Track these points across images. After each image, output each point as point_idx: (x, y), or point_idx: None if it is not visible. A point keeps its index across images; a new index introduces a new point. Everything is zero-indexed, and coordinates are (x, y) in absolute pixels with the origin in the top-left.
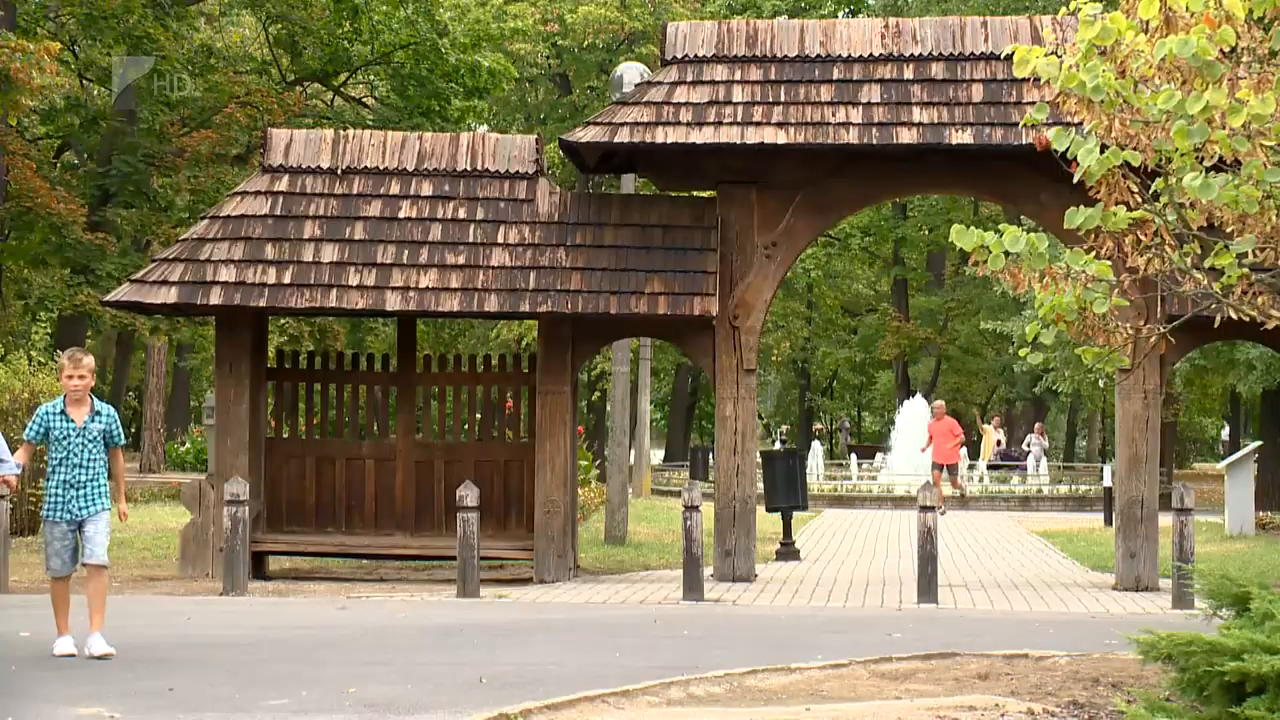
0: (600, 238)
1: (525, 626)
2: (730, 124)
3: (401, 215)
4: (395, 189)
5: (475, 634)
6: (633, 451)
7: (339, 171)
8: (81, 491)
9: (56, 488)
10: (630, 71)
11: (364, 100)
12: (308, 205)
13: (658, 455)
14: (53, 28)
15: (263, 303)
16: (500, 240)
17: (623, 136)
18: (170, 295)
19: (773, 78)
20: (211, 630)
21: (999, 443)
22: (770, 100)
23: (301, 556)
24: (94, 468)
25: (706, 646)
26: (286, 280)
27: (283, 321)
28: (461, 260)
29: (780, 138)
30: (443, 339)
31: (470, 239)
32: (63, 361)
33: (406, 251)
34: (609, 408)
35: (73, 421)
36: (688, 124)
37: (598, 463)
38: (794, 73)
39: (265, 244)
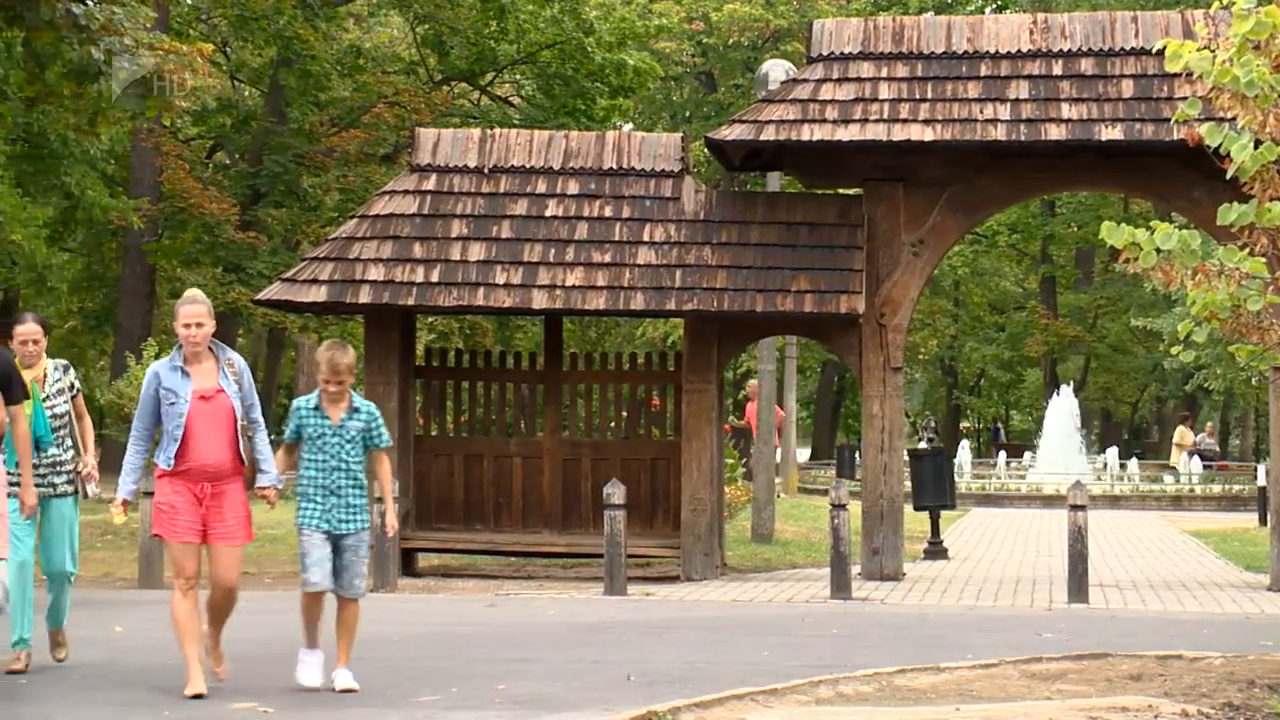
0: (746, 236)
1: (673, 624)
2: (876, 121)
3: (548, 214)
4: (542, 188)
5: (623, 632)
6: (779, 449)
7: (486, 170)
8: (342, 499)
9: (315, 494)
10: (775, 69)
11: (510, 99)
12: (455, 204)
13: (804, 453)
14: (205, 29)
15: (411, 301)
16: (646, 238)
17: (768, 134)
18: (320, 294)
19: (919, 74)
20: (362, 626)
21: (1196, 442)
22: (917, 97)
23: (450, 554)
24: (353, 472)
25: (854, 645)
26: (434, 279)
27: (431, 319)
28: (608, 258)
29: (927, 135)
30: (589, 337)
31: (616, 237)
32: (320, 353)
33: (553, 250)
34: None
35: (328, 419)
36: (834, 121)
37: (744, 461)
38: (941, 69)
39: (413, 243)
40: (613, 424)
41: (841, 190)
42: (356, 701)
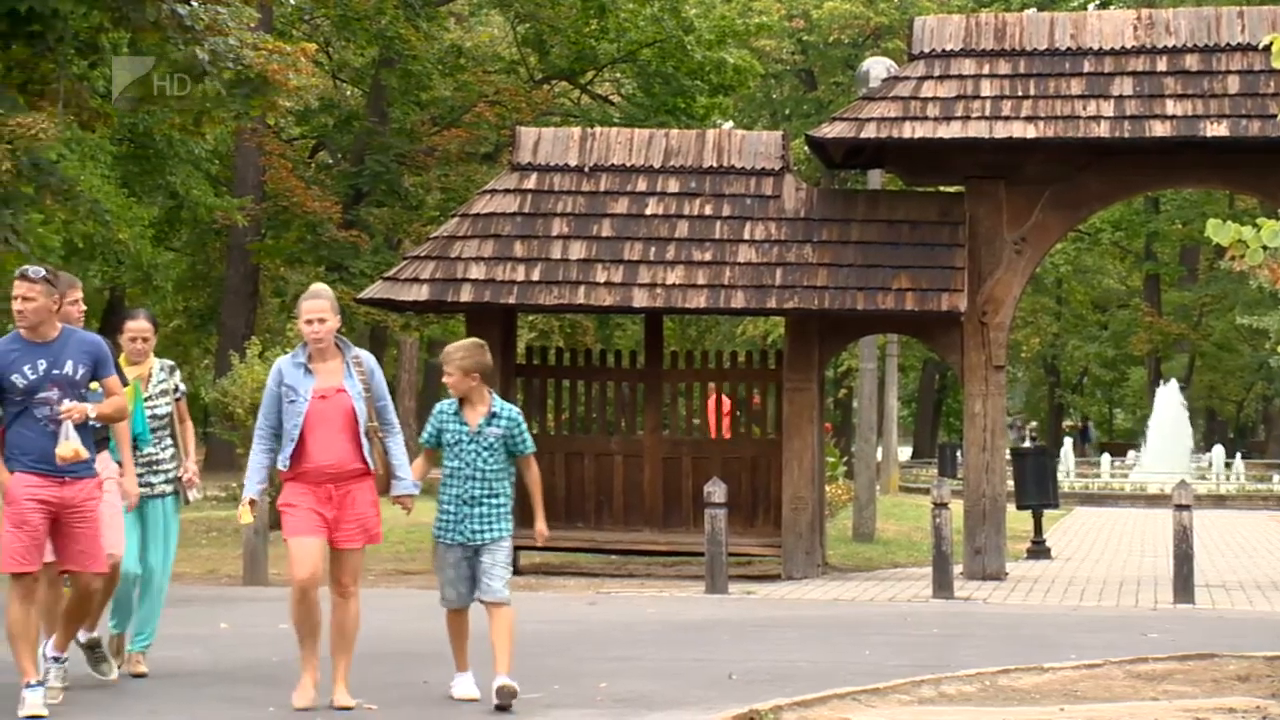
0: (847, 234)
1: (774, 623)
2: (978, 118)
3: (648, 212)
4: (642, 186)
5: (724, 630)
6: (880, 448)
7: (587, 169)
8: (478, 510)
9: (449, 503)
10: (877, 66)
11: (610, 98)
12: (556, 203)
13: (905, 452)
14: (308, 29)
15: (512, 300)
16: (747, 237)
17: (869, 132)
18: (422, 293)
19: (1022, 71)
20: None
21: None
22: (1019, 94)
23: (551, 552)
24: (493, 481)
25: (957, 645)
26: (535, 277)
27: (532, 318)
28: (708, 257)
29: (1030, 132)
30: (689, 336)
31: (717, 235)
32: (446, 352)
33: (653, 248)
34: (856, 404)
35: (466, 424)
36: (935, 119)
37: (845, 459)
38: (1044, 66)
39: (514, 241)
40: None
41: (943, 188)
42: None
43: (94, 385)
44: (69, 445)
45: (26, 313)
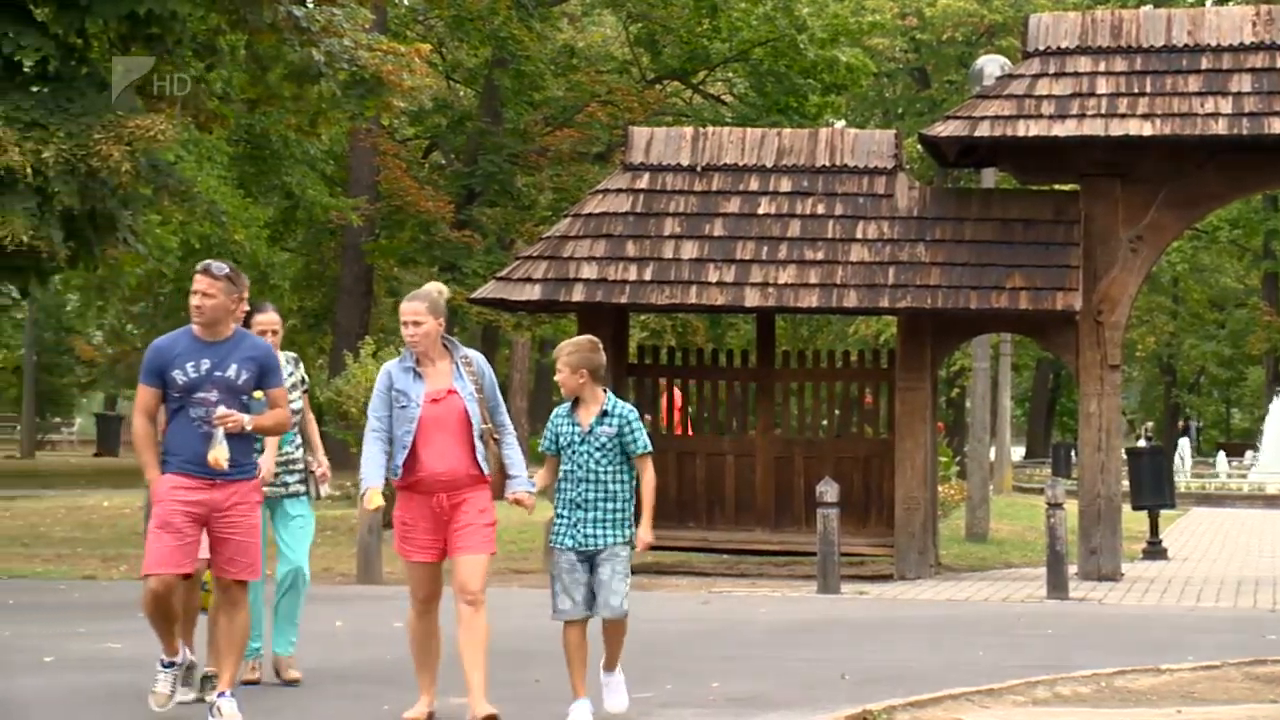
0: (960, 233)
1: (886, 623)
2: (1094, 116)
3: (760, 211)
4: (754, 185)
5: (836, 630)
6: (993, 448)
7: (699, 168)
8: (590, 514)
9: (563, 508)
10: (990, 64)
11: (722, 97)
12: (668, 202)
13: (1018, 452)
14: (422, 30)
15: (624, 299)
16: (859, 236)
17: (983, 130)
18: (534, 292)
19: (1138, 68)
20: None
21: None
22: (1136, 91)
23: (664, 551)
24: (607, 483)
25: (1072, 646)
26: (647, 277)
27: (644, 317)
28: (820, 256)
29: (1146, 130)
30: (800, 335)
31: (829, 235)
32: (558, 349)
33: (765, 248)
34: (969, 404)
35: (578, 425)
36: (1050, 117)
37: (958, 459)
38: (1160, 63)
39: (626, 241)
40: (825, 422)
41: (1058, 186)
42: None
43: (257, 394)
44: (216, 452)
45: (205, 309)
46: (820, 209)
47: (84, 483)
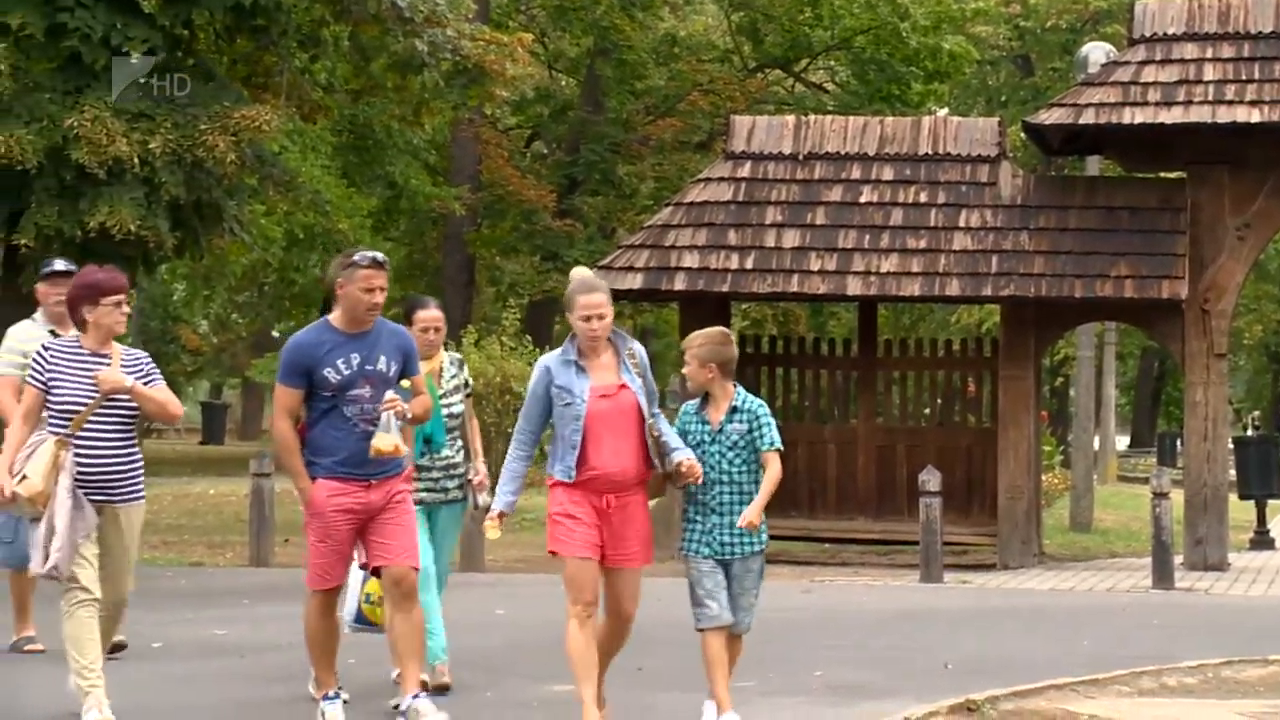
0: (1064, 221)
1: (989, 613)
2: (1201, 103)
3: (862, 200)
4: (856, 174)
5: (939, 619)
6: (1098, 437)
7: (800, 157)
8: (726, 518)
9: (696, 513)
10: (1095, 51)
11: (824, 86)
12: (769, 191)
13: (1123, 441)
14: (524, 20)
15: (725, 288)
16: (962, 224)
17: (1088, 118)
18: (636, 281)
19: (1246, 55)
20: (672, 610)
21: None
22: (1244, 78)
23: None
24: (742, 484)
25: (1178, 636)
26: (749, 266)
27: (745, 306)
28: (923, 244)
29: (1254, 117)
30: (902, 324)
31: (931, 223)
32: (688, 340)
33: (868, 236)
34: (1073, 392)
35: (708, 423)
36: (1156, 104)
37: (1062, 448)
38: (1269, 49)
39: (728, 230)
40: (927, 411)
41: (1164, 174)
42: (672, 684)
43: (404, 383)
44: (390, 439)
45: (379, 304)
46: (923, 197)
47: (190, 471)
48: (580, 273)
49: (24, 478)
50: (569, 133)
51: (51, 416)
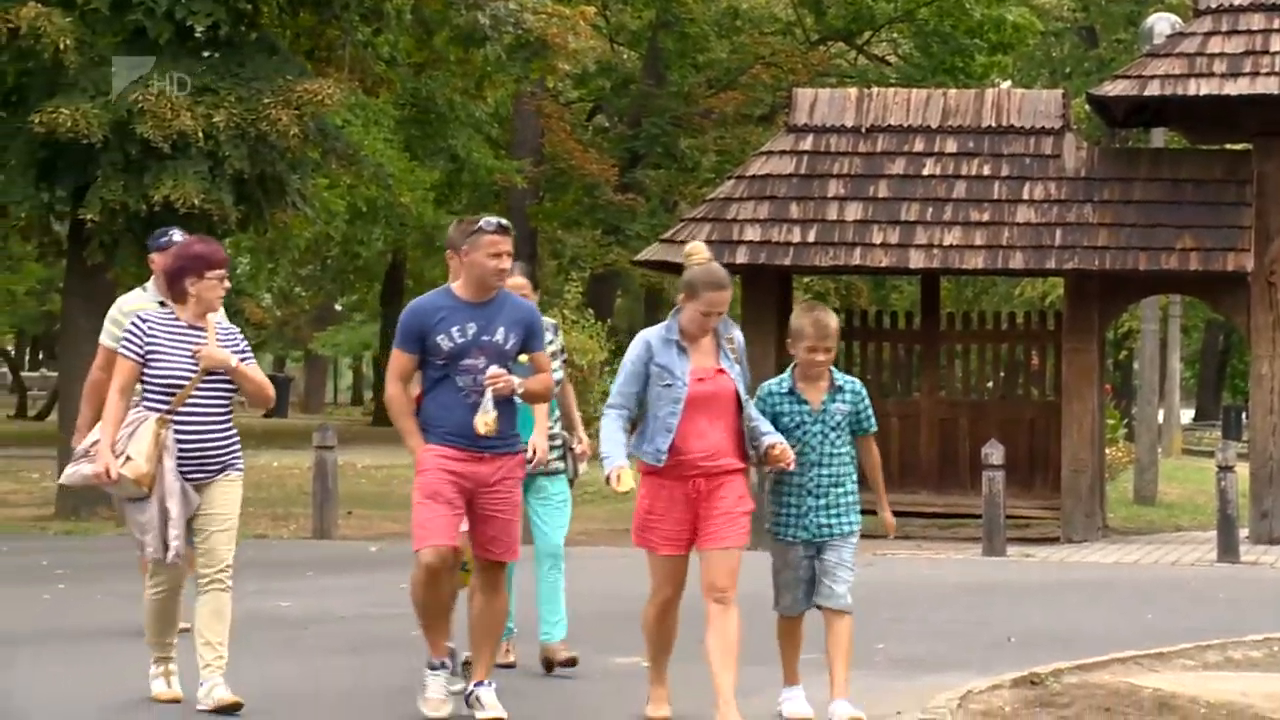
0: (1129, 193)
1: (1053, 586)
2: (1267, 74)
3: (925, 173)
4: (919, 146)
5: (1002, 593)
6: (1162, 410)
7: (863, 130)
8: (824, 500)
9: (789, 494)
10: (1161, 23)
11: (887, 59)
12: (832, 164)
13: (1187, 414)
14: None
15: (787, 261)
16: (1026, 197)
17: (1153, 89)
18: None
19: None
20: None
21: None
22: None
23: None
24: (839, 466)
25: (1243, 610)
26: (811, 239)
27: (807, 279)
28: (986, 217)
29: None
30: (965, 297)
31: (995, 196)
32: (799, 317)
33: (930, 209)
34: (1136, 366)
35: (807, 403)
36: (1222, 75)
37: (1125, 422)
38: None
39: (790, 203)
40: (990, 384)
41: (1229, 146)
42: (751, 657)
43: (522, 358)
44: (486, 418)
45: (505, 270)
46: (986, 170)
47: (254, 443)
48: (711, 267)
49: (128, 458)
50: (631, 106)
51: (149, 391)
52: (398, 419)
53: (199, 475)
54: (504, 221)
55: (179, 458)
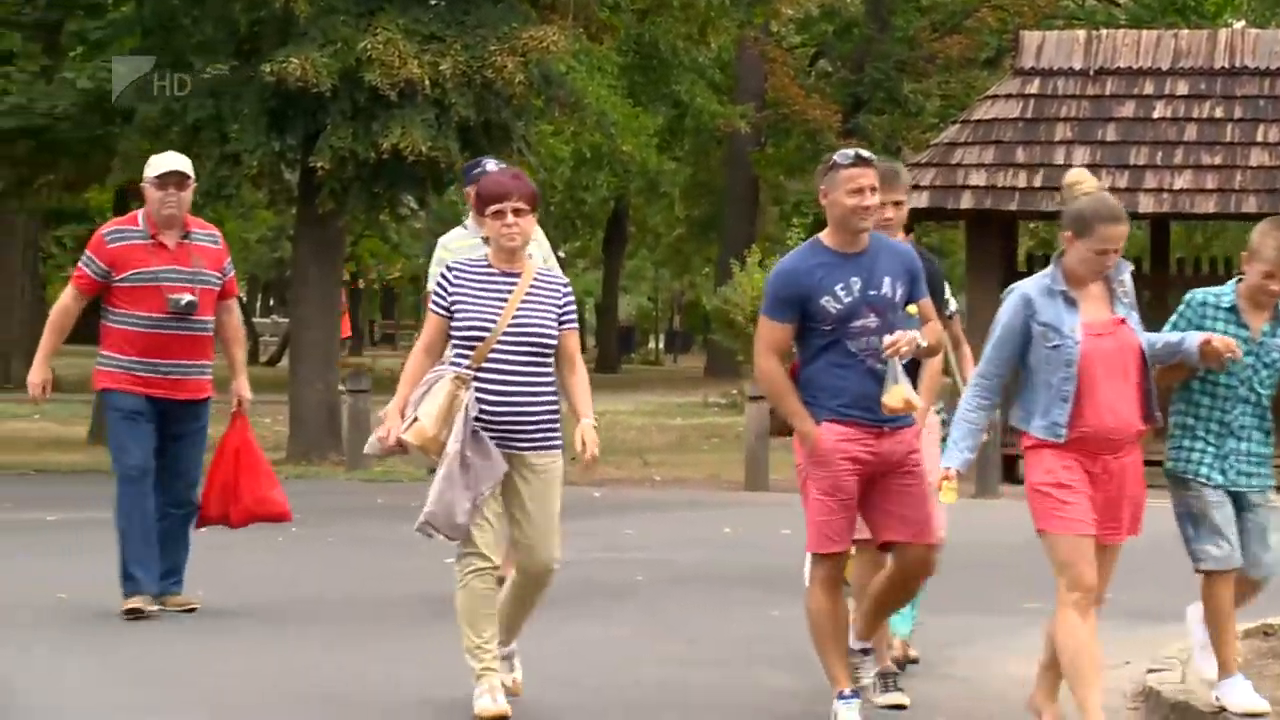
0: None
1: None
2: None
3: (1155, 115)
4: (1149, 89)
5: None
6: None
7: (1091, 72)
8: (1246, 445)
9: (1205, 432)
10: None
11: (1116, 0)
12: (1059, 108)
13: None
14: None
15: (1013, 207)
16: (1259, 139)
17: None
18: (922, 200)
19: None
20: (964, 534)
21: None
22: None
23: None
24: (1265, 410)
25: None
26: (1037, 184)
27: (1033, 225)
28: (1218, 160)
29: None
30: (1195, 242)
31: (1227, 139)
32: (1266, 243)
33: (1160, 153)
34: None
35: (1246, 328)
36: None
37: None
38: None
39: (1015, 148)
40: None
41: None
42: (959, 605)
43: (909, 309)
44: (899, 392)
45: (872, 207)
46: (1218, 112)
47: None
48: (1102, 196)
49: (415, 420)
50: (854, 51)
51: (455, 346)
52: (780, 399)
53: (506, 447)
54: (862, 152)
55: (480, 420)
